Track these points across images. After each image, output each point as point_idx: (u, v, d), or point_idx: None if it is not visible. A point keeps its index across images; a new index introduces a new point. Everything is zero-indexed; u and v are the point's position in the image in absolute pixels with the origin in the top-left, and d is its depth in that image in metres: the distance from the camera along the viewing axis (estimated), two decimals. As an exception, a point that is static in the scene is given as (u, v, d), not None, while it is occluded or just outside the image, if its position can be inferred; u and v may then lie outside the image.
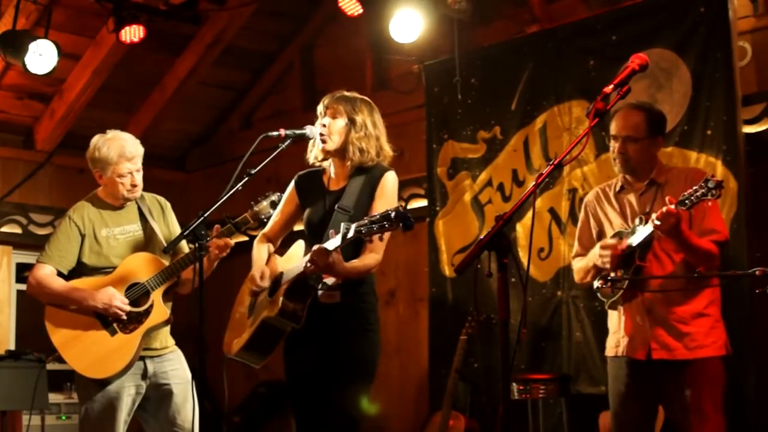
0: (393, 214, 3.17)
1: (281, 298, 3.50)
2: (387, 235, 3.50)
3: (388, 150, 3.70)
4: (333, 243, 3.34)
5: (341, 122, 3.62)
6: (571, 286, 5.39)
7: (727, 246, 3.85)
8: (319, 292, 3.53)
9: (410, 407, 6.31)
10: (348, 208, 3.53)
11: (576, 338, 5.35)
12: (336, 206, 3.57)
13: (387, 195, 3.58)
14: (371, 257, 3.54)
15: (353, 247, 3.51)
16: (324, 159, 3.73)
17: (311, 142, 3.73)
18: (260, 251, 3.78)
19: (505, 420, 2.74)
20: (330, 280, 3.53)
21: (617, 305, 3.89)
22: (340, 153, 3.65)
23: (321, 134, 3.63)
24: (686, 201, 3.49)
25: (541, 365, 5.42)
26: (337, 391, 3.56)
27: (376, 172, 3.63)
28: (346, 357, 3.56)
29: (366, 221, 3.23)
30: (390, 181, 3.62)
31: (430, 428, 5.57)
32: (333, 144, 3.63)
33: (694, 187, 3.48)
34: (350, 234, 3.25)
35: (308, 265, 3.40)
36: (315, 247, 3.38)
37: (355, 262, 3.51)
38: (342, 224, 3.29)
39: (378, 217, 3.21)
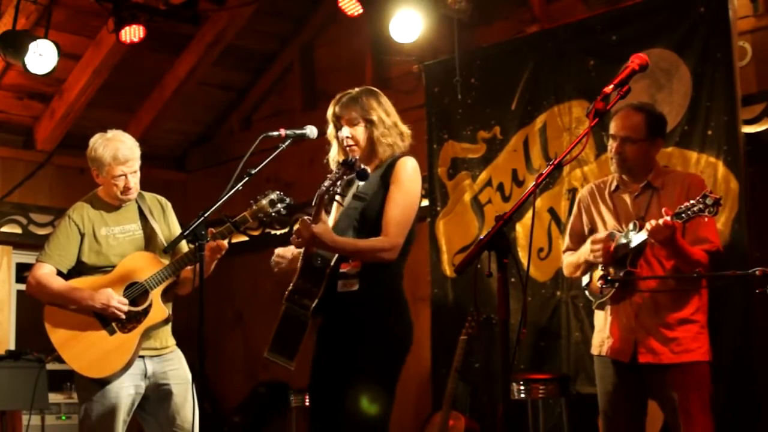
0: (341, 162, 3.22)
1: (292, 284, 3.46)
2: (402, 215, 3.44)
3: (405, 129, 3.63)
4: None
5: (361, 128, 3.55)
6: (570, 286, 5.39)
7: (720, 256, 3.82)
8: (339, 283, 3.46)
9: (410, 407, 6.30)
10: (364, 195, 3.49)
11: (575, 338, 5.35)
12: (353, 194, 3.54)
13: (401, 179, 3.48)
14: (381, 239, 3.41)
15: (368, 232, 3.44)
16: None
17: (331, 151, 3.66)
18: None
19: (505, 420, 2.74)
20: (349, 270, 3.45)
21: (605, 305, 3.89)
22: (370, 154, 3.57)
23: (350, 146, 3.55)
24: (682, 214, 3.49)
25: (541, 365, 5.42)
26: (353, 394, 3.42)
27: (392, 159, 3.56)
28: (362, 358, 3.43)
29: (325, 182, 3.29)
30: (406, 166, 3.52)
31: (430, 428, 5.57)
32: (361, 150, 3.55)
33: (692, 201, 3.48)
34: (315, 200, 3.31)
35: (294, 237, 3.37)
36: (299, 220, 3.36)
37: (358, 240, 3.43)
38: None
39: (333, 173, 3.28)
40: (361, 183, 3.49)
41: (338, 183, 3.30)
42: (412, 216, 3.51)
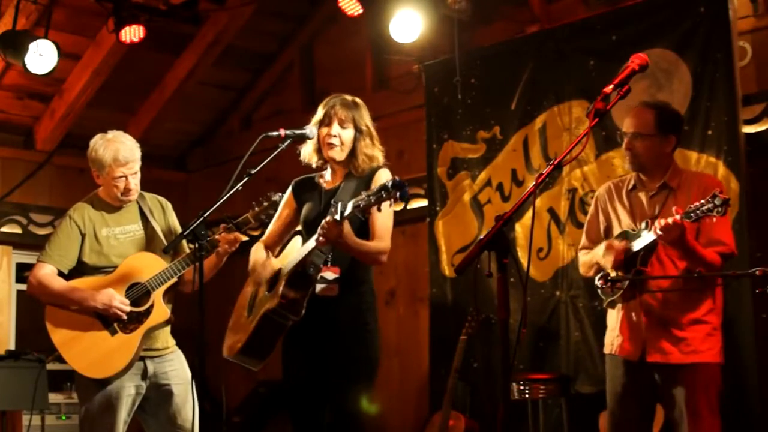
0: (390, 184, 3.20)
1: (281, 289, 3.51)
2: (390, 221, 3.57)
3: (379, 147, 3.75)
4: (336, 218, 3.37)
5: (350, 132, 3.67)
6: (570, 286, 5.39)
7: (733, 258, 3.82)
8: (318, 286, 3.53)
9: (410, 407, 6.31)
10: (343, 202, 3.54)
11: (575, 338, 5.35)
12: (332, 201, 3.58)
13: None
14: (380, 243, 3.58)
15: (358, 235, 3.52)
16: (323, 163, 3.75)
17: (306, 142, 3.74)
18: (258, 252, 3.82)
19: (505, 420, 2.74)
20: (328, 275, 3.53)
21: (615, 304, 3.89)
22: (346, 160, 3.69)
23: (332, 144, 3.65)
24: (692, 214, 3.49)
25: (541, 365, 5.42)
26: (337, 392, 3.58)
27: (373, 170, 3.69)
28: (343, 358, 3.57)
29: (363, 195, 3.26)
30: (384, 177, 3.65)
31: (430, 428, 5.57)
32: (343, 154, 3.68)
33: (701, 201, 3.48)
34: (348, 210, 3.30)
35: (319, 238, 3.40)
36: (325, 219, 3.38)
37: (367, 242, 3.55)
38: (339, 203, 3.32)
39: (375, 189, 3.24)
40: (339, 190, 3.63)
41: (381, 204, 3.25)
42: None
